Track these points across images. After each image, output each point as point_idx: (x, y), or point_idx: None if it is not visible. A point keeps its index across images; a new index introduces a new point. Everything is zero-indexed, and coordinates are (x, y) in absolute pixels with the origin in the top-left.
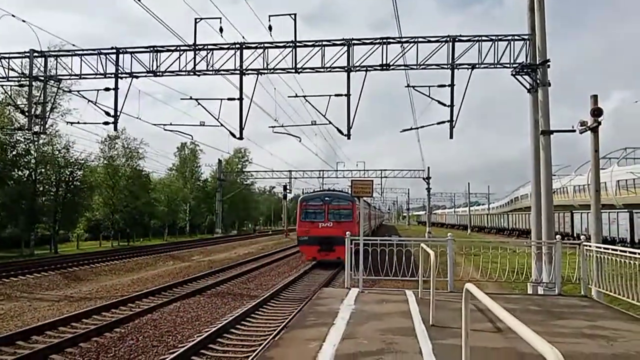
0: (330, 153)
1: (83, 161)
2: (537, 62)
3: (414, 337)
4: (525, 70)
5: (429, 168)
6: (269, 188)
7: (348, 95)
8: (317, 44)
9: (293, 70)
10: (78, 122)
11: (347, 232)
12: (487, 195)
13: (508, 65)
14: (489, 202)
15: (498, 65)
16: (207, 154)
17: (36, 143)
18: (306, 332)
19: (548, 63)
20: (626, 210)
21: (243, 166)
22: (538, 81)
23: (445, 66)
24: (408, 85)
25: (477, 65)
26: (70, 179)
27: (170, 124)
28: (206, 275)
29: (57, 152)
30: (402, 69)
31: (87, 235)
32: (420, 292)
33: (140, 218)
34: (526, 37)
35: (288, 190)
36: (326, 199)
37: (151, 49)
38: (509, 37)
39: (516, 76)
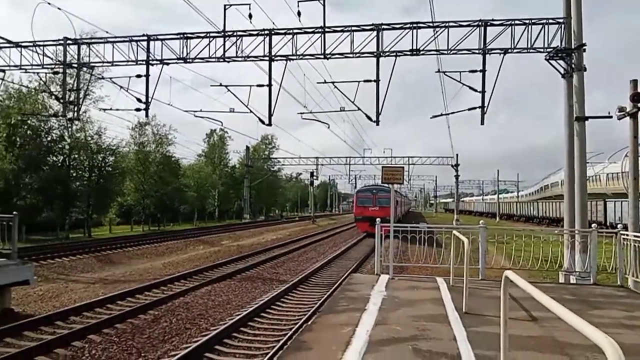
0: (357, 139)
1: (115, 147)
2: (573, 46)
3: (447, 324)
4: (559, 54)
5: (457, 155)
6: (295, 174)
7: (377, 80)
8: (346, 29)
9: (322, 56)
10: (110, 109)
11: (378, 219)
12: (517, 182)
13: (542, 50)
14: (517, 190)
15: (531, 50)
16: (234, 141)
17: (70, 129)
18: (338, 317)
19: (584, 47)
20: None
21: (270, 152)
22: (573, 66)
23: (477, 51)
24: (439, 71)
25: (509, 50)
26: (103, 164)
27: (201, 110)
28: (236, 260)
29: (89, 138)
30: (433, 54)
31: (118, 220)
32: (451, 279)
33: (170, 203)
34: (561, 20)
35: (315, 177)
36: (374, 191)
37: (181, 35)
38: (543, 21)
39: (550, 61)
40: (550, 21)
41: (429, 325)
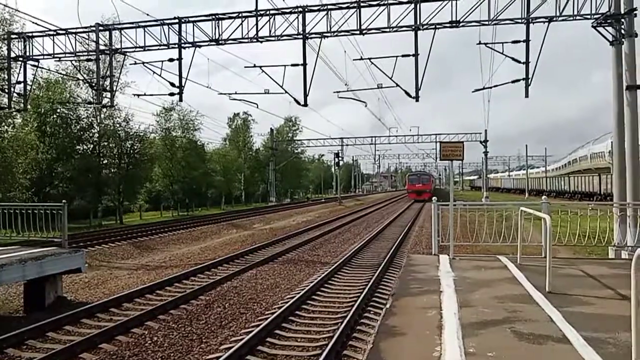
0: (380, 117)
1: (142, 134)
2: (622, 11)
3: (536, 304)
4: (608, 20)
5: (486, 131)
6: (317, 156)
7: (416, 55)
8: (382, 3)
9: (358, 32)
10: (144, 94)
11: (425, 193)
12: (544, 157)
13: (589, 17)
14: (546, 165)
15: (578, 17)
16: (260, 123)
17: (98, 117)
18: (416, 299)
19: (635, 12)
20: None
21: (294, 134)
22: (623, 32)
23: (520, 21)
24: (480, 43)
25: (554, 18)
26: (131, 151)
27: (236, 93)
28: (273, 243)
29: (117, 126)
30: (473, 26)
31: (147, 206)
32: (519, 258)
33: (197, 188)
34: None
35: (340, 158)
36: (417, 175)
37: (213, 16)
38: None
39: (597, 28)
40: None
41: (517, 306)
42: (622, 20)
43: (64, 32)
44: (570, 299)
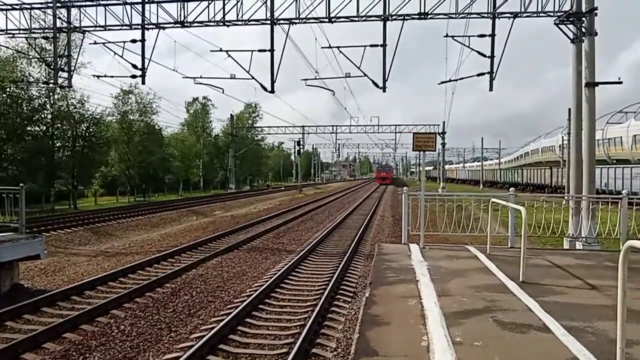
0: (339, 107)
1: (99, 116)
2: (584, 10)
3: (512, 294)
4: (570, 18)
5: (444, 122)
6: (277, 143)
7: (384, 45)
8: None
9: (327, 20)
10: (105, 76)
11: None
12: (499, 150)
13: (552, 14)
14: (499, 157)
15: (542, 14)
16: (220, 109)
17: (51, 97)
18: (394, 288)
19: (595, 11)
20: None
21: (254, 121)
22: (583, 30)
23: (486, 15)
24: (447, 35)
25: (519, 14)
26: (87, 134)
27: (201, 77)
28: (235, 231)
29: (72, 107)
30: (441, 18)
31: (102, 191)
32: (488, 248)
33: (155, 173)
34: None
35: (302, 146)
36: (383, 167)
37: None
38: None
39: (559, 25)
40: None
41: (494, 296)
42: (584, 18)
43: (18, 7)
44: (544, 288)
